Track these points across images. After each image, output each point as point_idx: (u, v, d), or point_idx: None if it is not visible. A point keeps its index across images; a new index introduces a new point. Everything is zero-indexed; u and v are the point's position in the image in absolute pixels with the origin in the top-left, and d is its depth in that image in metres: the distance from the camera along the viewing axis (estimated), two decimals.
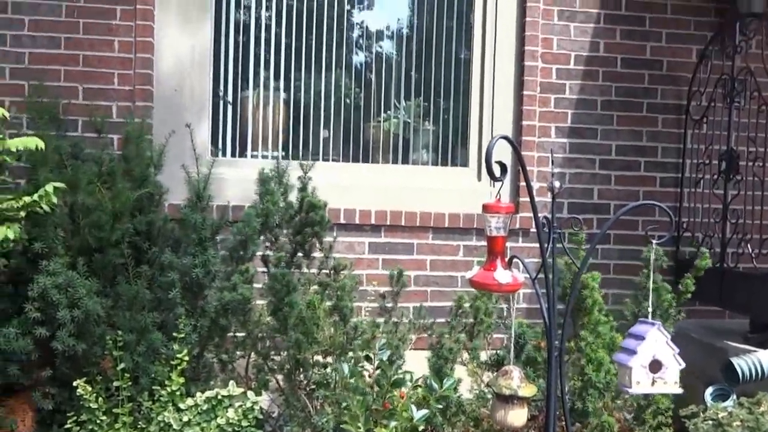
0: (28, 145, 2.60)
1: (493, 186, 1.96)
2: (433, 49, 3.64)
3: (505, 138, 1.96)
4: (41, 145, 2.62)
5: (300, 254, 2.95)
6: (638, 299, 2.76)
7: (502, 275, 1.90)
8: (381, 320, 3.05)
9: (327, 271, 2.95)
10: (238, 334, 2.74)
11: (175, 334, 2.54)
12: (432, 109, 3.67)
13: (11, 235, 2.50)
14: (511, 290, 1.95)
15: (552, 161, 2.21)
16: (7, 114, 2.66)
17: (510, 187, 3.54)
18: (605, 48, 3.60)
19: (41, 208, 2.60)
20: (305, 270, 2.93)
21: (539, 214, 2.03)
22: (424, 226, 3.43)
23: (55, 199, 2.59)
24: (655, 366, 1.89)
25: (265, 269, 2.90)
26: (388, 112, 3.65)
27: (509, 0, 3.51)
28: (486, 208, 1.94)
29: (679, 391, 1.92)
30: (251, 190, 2.91)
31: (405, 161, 3.64)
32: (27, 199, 2.57)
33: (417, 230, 3.43)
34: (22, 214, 2.61)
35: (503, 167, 1.92)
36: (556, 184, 2.03)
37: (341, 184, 3.38)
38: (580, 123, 3.59)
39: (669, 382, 1.90)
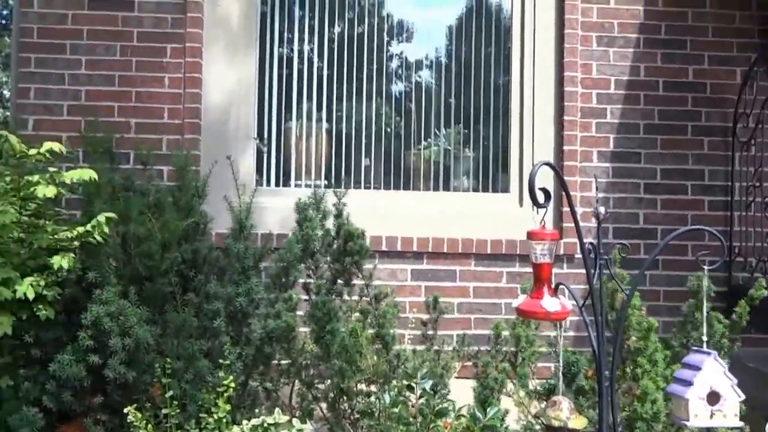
0: (82, 177, 2.71)
1: (537, 212, 1.94)
2: (471, 76, 3.67)
3: (548, 164, 1.94)
4: (95, 176, 2.73)
5: (340, 281, 2.98)
6: (686, 328, 2.68)
7: (550, 303, 1.86)
8: (422, 347, 3.04)
9: (368, 299, 2.96)
10: (282, 362, 2.75)
11: (221, 361, 2.57)
12: (472, 136, 3.69)
13: (66, 265, 2.60)
14: (559, 318, 1.92)
15: (596, 187, 2.19)
16: (63, 149, 2.80)
17: (553, 213, 3.51)
18: (646, 72, 3.57)
19: (94, 238, 2.70)
20: (346, 297, 2.95)
21: (584, 240, 2.00)
22: (466, 253, 3.42)
23: (107, 230, 2.70)
24: (713, 398, 1.82)
25: (306, 297, 2.93)
26: (429, 139, 3.68)
27: (547, 28, 3.52)
28: (531, 235, 1.92)
29: (740, 424, 1.84)
30: (293, 218, 2.96)
31: (446, 188, 3.65)
32: (81, 229, 2.68)
33: (459, 257, 3.42)
34: (76, 244, 2.73)
35: (547, 194, 1.90)
36: (602, 209, 2.00)
37: (383, 212, 3.40)
38: (622, 147, 3.55)
39: (728, 415, 1.82)
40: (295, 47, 3.64)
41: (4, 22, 13.58)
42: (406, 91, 3.71)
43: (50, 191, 2.65)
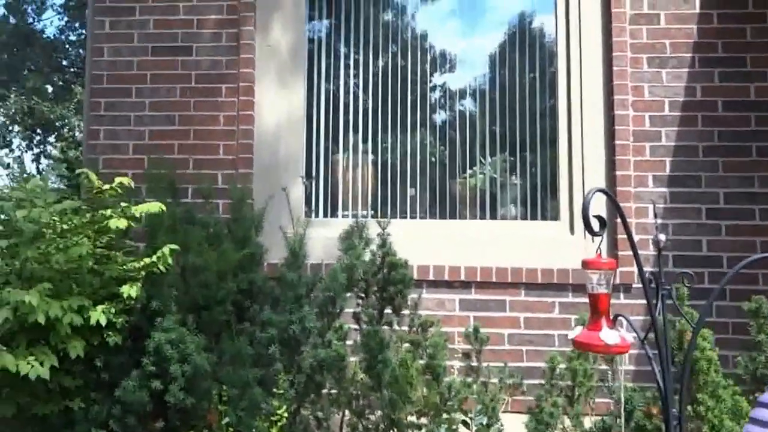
0: (151, 210, 2.90)
1: (592, 240, 1.90)
2: (516, 103, 3.66)
3: (603, 191, 1.91)
4: (163, 208, 2.92)
5: (389, 311, 3.00)
6: (755, 361, 2.52)
7: (609, 335, 1.79)
8: (470, 379, 3.00)
9: (415, 329, 2.96)
10: (332, 391, 2.79)
11: (274, 389, 2.64)
12: (518, 163, 3.67)
13: (133, 294, 2.77)
14: (619, 352, 1.84)
15: (655, 213, 2.13)
16: (132, 183, 3.00)
17: (607, 240, 3.41)
18: (703, 92, 3.45)
19: (158, 268, 2.87)
20: (396, 327, 2.96)
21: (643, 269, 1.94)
22: (515, 282, 3.37)
23: (170, 261, 2.85)
24: None
25: (356, 326, 2.97)
26: (474, 168, 3.68)
27: (594, 51, 3.48)
28: (586, 264, 1.88)
29: None
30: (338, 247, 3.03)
31: (493, 216, 3.63)
32: (147, 260, 2.85)
33: (508, 286, 3.37)
34: (143, 273, 2.89)
35: (602, 221, 1.86)
36: (662, 237, 1.94)
37: (429, 241, 3.42)
38: (680, 171, 3.42)
39: None
40: (341, 81, 3.76)
41: (76, 70, 14.62)
42: (449, 120, 3.74)
43: (122, 223, 2.85)
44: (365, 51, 3.76)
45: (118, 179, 2.95)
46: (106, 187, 2.93)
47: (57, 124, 14.11)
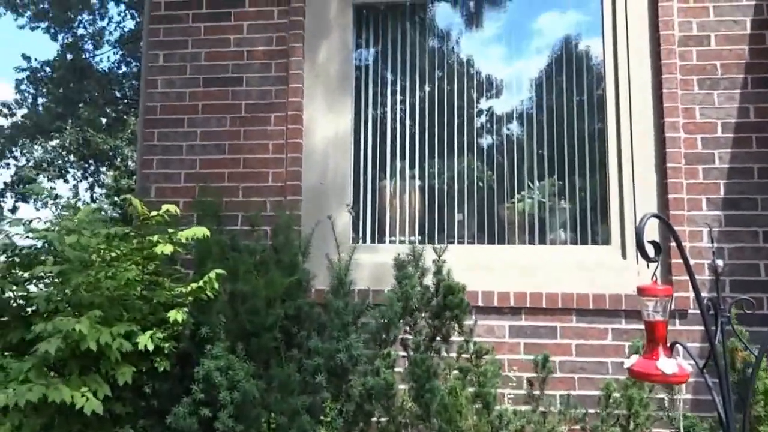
0: (196, 234, 2.95)
1: (647, 266, 1.87)
2: (564, 126, 3.63)
3: (657, 216, 1.87)
4: (207, 233, 2.95)
5: (438, 338, 2.97)
6: None
7: (667, 364, 1.73)
8: (524, 408, 2.93)
9: (467, 356, 2.92)
10: (381, 419, 2.76)
11: (321, 417, 2.62)
12: (567, 187, 3.61)
13: (180, 319, 2.80)
14: (677, 382, 1.79)
15: (712, 238, 2.07)
16: (178, 210, 3.06)
17: (660, 265, 3.32)
18: (757, 113, 3.36)
19: (206, 294, 2.90)
20: (444, 354, 2.93)
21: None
22: (566, 308, 3.30)
23: (217, 286, 2.88)
24: None
25: (404, 353, 2.94)
26: (522, 192, 3.64)
27: (642, 73, 3.44)
28: (642, 291, 1.83)
29: None
30: (389, 274, 3.02)
31: (542, 241, 3.58)
32: (194, 285, 2.88)
33: (559, 312, 3.30)
34: (190, 299, 2.92)
35: (657, 247, 1.82)
36: (720, 262, 1.89)
37: (478, 267, 3.38)
38: (735, 193, 3.33)
39: None
40: (388, 108, 3.80)
41: (129, 101, 15.20)
42: (497, 144, 3.73)
43: (168, 249, 2.90)
44: (411, 77, 3.79)
45: (165, 206, 3.01)
46: (153, 214, 2.99)
47: (110, 154, 14.63)
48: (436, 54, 3.82)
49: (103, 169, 15.71)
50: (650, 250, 1.82)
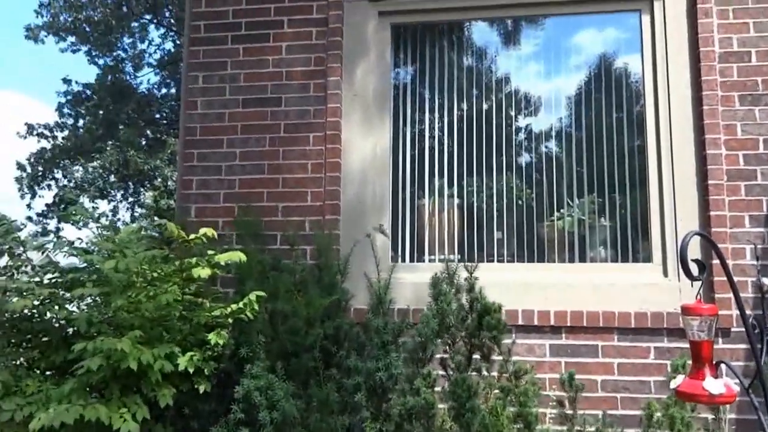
0: (233, 258, 2.99)
1: (692, 285, 1.85)
2: (603, 144, 3.60)
3: (700, 234, 1.86)
4: (243, 258, 2.99)
5: (477, 356, 2.95)
6: None
7: (713, 385, 1.72)
8: (566, 428, 2.90)
9: (507, 375, 2.90)
10: None
11: None
12: (607, 205, 3.58)
13: (221, 341, 2.83)
14: (724, 402, 1.76)
15: (757, 256, 2.04)
16: (215, 234, 3.10)
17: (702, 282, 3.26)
18: None
19: (246, 315, 2.92)
20: (485, 373, 2.91)
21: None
22: (608, 327, 3.25)
23: (257, 307, 2.91)
24: None
25: (443, 372, 2.93)
26: (561, 210, 3.62)
27: (682, 90, 3.40)
28: (686, 310, 1.81)
29: None
30: (428, 293, 3.02)
31: (582, 259, 3.54)
32: (234, 306, 2.91)
33: (600, 331, 3.26)
34: (230, 320, 2.95)
35: (701, 265, 1.80)
36: (765, 280, 1.87)
37: (517, 285, 3.36)
38: None
39: None
40: (426, 126, 3.81)
41: (168, 122, 15.55)
42: (535, 162, 3.71)
43: (205, 272, 2.94)
44: (449, 95, 3.80)
45: (202, 230, 3.07)
46: (192, 236, 3.03)
47: (150, 174, 14.96)
48: (473, 72, 3.83)
49: (143, 189, 16.06)
50: (694, 269, 1.80)
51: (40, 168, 15.76)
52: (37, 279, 3.01)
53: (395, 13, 3.79)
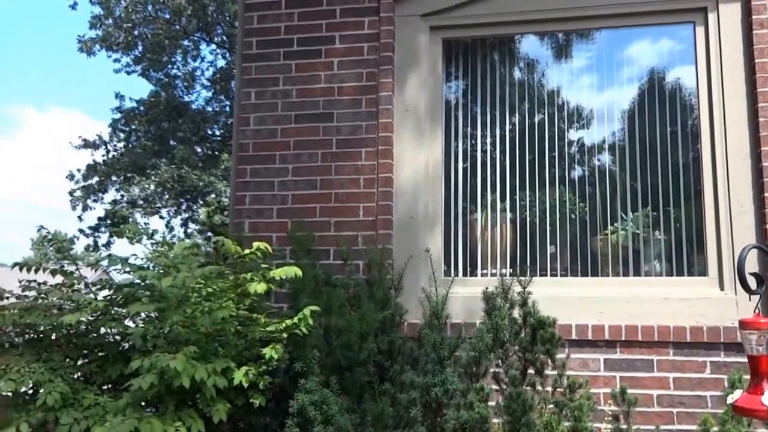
0: (288, 274, 3.01)
1: (749, 298, 1.84)
2: (657, 156, 3.56)
3: (758, 247, 1.85)
4: (299, 273, 3.02)
5: (531, 371, 2.96)
6: None
7: None
8: None
9: (561, 390, 2.90)
10: None
11: None
12: (662, 218, 3.53)
13: (275, 355, 2.84)
14: None
15: None
16: (269, 248, 3.15)
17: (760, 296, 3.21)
18: None
19: (300, 330, 2.94)
20: (539, 388, 2.92)
21: None
22: (663, 341, 3.22)
23: (311, 322, 2.93)
24: None
25: (496, 386, 2.95)
26: (615, 224, 3.59)
27: (737, 102, 3.34)
28: (744, 324, 1.80)
29: None
30: (481, 307, 3.03)
31: (636, 273, 3.50)
32: (288, 322, 2.94)
33: (656, 345, 3.23)
34: (285, 335, 2.98)
35: (759, 279, 1.79)
36: None
37: (571, 299, 3.34)
38: None
39: None
40: (477, 140, 3.83)
41: (221, 138, 15.87)
42: (588, 176, 3.69)
43: (261, 287, 2.97)
44: (501, 109, 3.81)
45: (256, 244, 3.10)
46: (247, 251, 3.07)
47: (204, 190, 15.28)
48: (525, 85, 3.83)
49: (196, 206, 16.36)
50: (752, 282, 1.79)
51: (93, 181, 16.19)
52: (91, 296, 3.07)
53: (446, 28, 3.81)
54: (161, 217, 16.53)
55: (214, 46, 16.39)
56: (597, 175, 3.67)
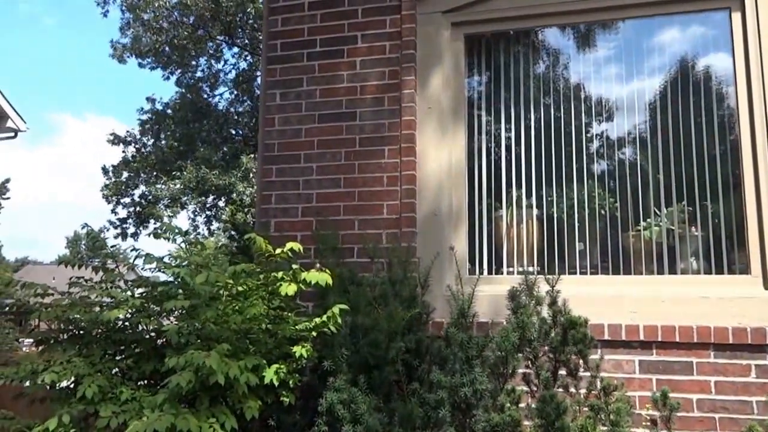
0: (319, 280, 3.00)
1: None
2: (692, 148, 3.41)
3: None
4: (329, 280, 3.01)
5: (563, 372, 2.85)
6: None
7: None
8: None
9: (596, 392, 2.79)
10: None
11: None
12: (698, 213, 3.38)
13: (304, 354, 2.85)
14: None
15: None
16: (301, 248, 3.14)
17: None
18: None
19: (329, 328, 2.94)
20: (572, 390, 2.81)
21: None
22: (703, 343, 3.07)
23: (340, 320, 2.92)
24: None
25: (526, 388, 2.85)
26: (648, 219, 3.45)
27: None
28: None
29: None
30: (507, 306, 2.95)
31: (672, 271, 3.36)
32: (317, 320, 2.94)
33: (695, 347, 3.08)
34: (314, 334, 2.98)
35: None
36: None
37: (602, 298, 3.23)
38: None
39: None
40: (502, 136, 3.75)
41: (243, 139, 16.15)
42: (617, 169, 3.56)
43: (291, 289, 2.97)
44: (525, 103, 3.73)
45: (289, 244, 3.09)
46: (278, 251, 3.07)
47: (227, 190, 15.63)
48: (549, 79, 3.74)
49: (221, 203, 16.74)
50: None
51: (123, 178, 16.73)
52: (128, 293, 3.13)
53: (468, 23, 3.75)
54: (188, 217, 16.95)
55: (236, 49, 16.71)
56: (627, 169, 3.54)
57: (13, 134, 14.37)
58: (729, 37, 3.38)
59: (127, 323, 3.07)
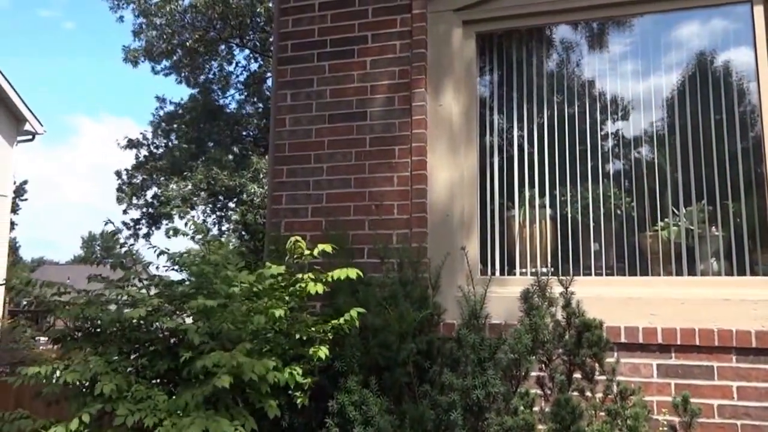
0: (348, 275, 3.00)
1: None
2: (712, 146, 3.31)
3: None
4: (360, 273, 3.00)
5: (577, 375, 2.78)
6: None
7: None
8: None
9: (612, 396, 2.71)
10: None
11: None
12: (719, 213, 3.29)
13: (323, 355, 2.83)
14: None
15: None
16: (331, 248, 3.12)
17: None
18: None
19: (343, 330, 2.92)
20: (588, 394, 2.73)
21: None
22: (724, 347, 2.97)
23: (357, 323, 2.89)
24: None
25: (539, 391, 2.78)
26: (666, 219, 3.36)
27: None
28: None
29: None
30: (519, 307, 2.89)
31: (691, 272, 3.27)
32: (334, 322, 2.93)
33: (716, 351, 2.98)
34: (330, 336, 2.95)
35: None
36: None
37: (618, 300, 3.14)
38: None
39: None
40: (514, 135, 3.69)
41: (253, 140, 16.27)
42: (633, 168, 3.47)
43: (319, 288, 2.99)
44: (538, 102, 3.66)
45: (321, 246, 3.11)
46: (307, 252, 3.07)
47: (237, 190, 15.75)
48: (563, 77, 3.67)
49: (231, 204, 16.87)
50: None
51: (137, 180, 16.95)
52: (144, 291, 3.13)
53: (480, 21, 3.71)
54: (200, 217, 17.08)
55: (247, 51, 16.85)
56: (644, 168, 3.45)
57: (30, 137, 14.62)
58: (751, 30, 3.29)
59: (142, 322, 3.06)
